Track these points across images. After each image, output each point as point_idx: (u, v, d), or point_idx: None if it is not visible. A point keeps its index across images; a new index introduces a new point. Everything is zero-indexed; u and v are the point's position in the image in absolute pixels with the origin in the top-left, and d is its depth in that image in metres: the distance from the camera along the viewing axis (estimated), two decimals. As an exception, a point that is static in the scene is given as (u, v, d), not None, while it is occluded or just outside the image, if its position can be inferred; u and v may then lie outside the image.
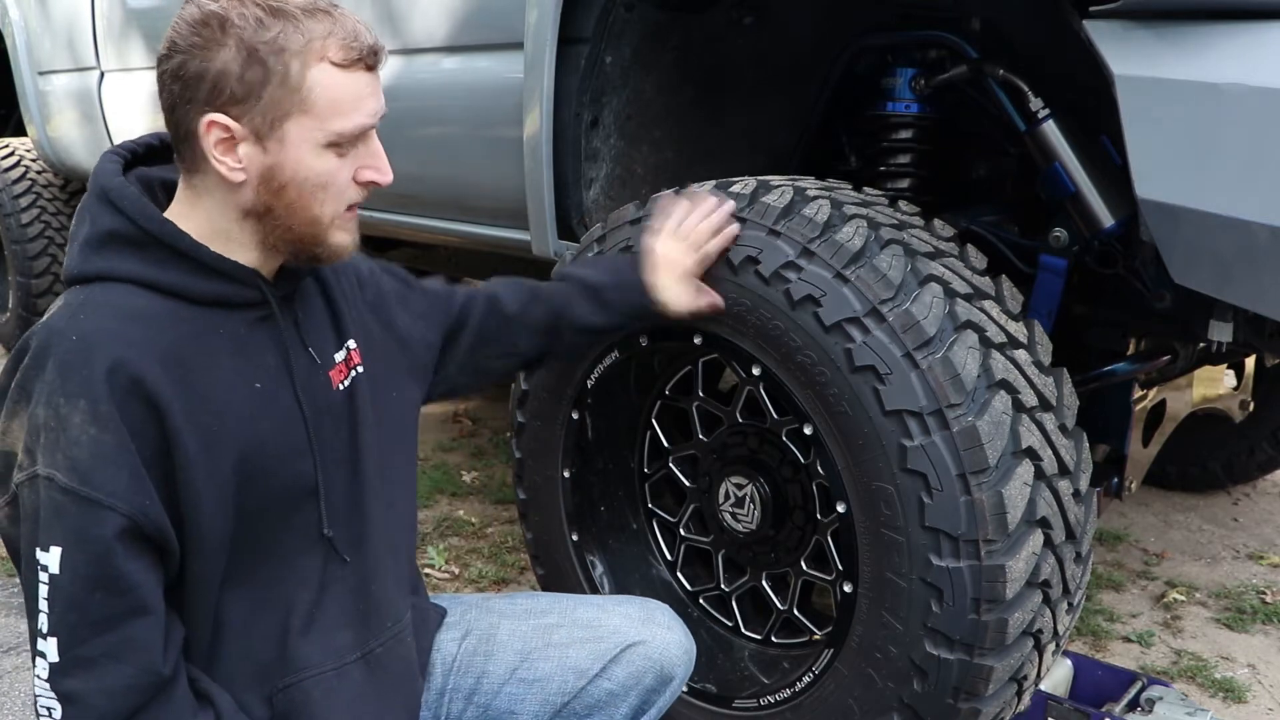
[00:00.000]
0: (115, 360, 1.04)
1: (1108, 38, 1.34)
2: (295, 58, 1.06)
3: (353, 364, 1.29)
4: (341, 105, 1.09)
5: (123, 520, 1.03)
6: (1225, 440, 2.92)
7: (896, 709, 1.49)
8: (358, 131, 1.12)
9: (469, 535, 2.86)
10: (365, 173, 1.15)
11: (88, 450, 1.03)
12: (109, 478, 1.03)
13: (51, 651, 1.04)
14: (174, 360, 1.08)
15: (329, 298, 1.30)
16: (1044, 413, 1.49)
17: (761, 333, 1.54)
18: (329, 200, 1.13)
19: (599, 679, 1.34)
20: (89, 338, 1.05)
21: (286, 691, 1.19)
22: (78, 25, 3.62)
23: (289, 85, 1.07)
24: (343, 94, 1.09)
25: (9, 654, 2.22)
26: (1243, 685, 2.19)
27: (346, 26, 1.10)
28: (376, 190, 1.18)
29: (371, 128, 1.14)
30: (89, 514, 1.02)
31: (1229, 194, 1.28)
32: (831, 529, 1.68)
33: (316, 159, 1.10)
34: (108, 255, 1.11)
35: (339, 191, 1.13)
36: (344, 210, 1.15)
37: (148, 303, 1.10)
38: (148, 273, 1.10)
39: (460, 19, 2.19)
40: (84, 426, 1.03)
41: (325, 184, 1.12)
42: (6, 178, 4.30)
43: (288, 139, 1.09)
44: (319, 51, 1.07)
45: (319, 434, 1.20)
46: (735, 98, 2.18)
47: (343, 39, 1.08)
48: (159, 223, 1.11)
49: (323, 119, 1.09)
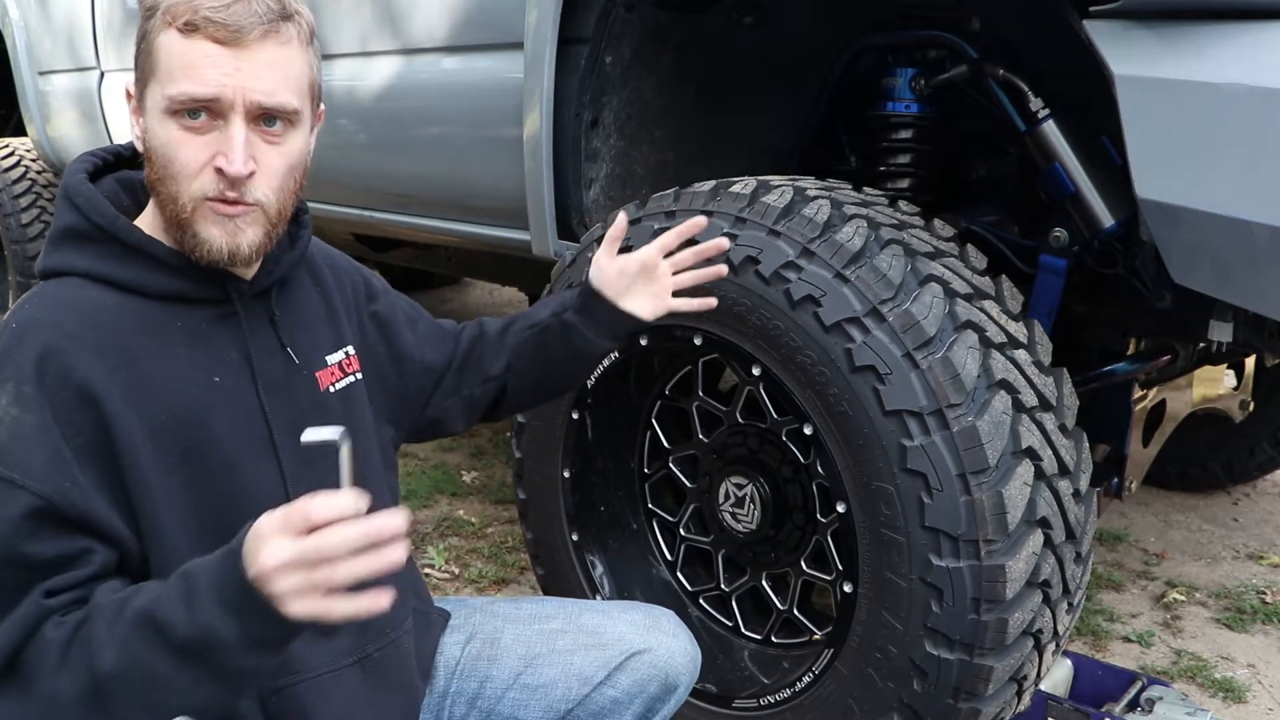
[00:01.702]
0: (45, 347, 1.05)
1: (1108, 38, 1.34)
2: (156, 20, 1.07)
3: (350, 369, 1.29)
4: (173, 71, 1.06)
5: (34, 499, 1.03)
6: (1225, 440, 2.92)
7: (896, 709, 1.49)
8: (186, 100, 1.06)
9: (469, 535, 2.86)
10: (217, 159, 1.08)
11: (7, 430, 1.04)
12: (22, 458, 1.03)
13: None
14: (116, 351, 1.08)
15: (328, 301, 1.29)
16: (1044, 413, 1.49)
17: (761, 333, 1.54)
18: (180, 178, 1.09)
19: (603, 686, 1.33)
20: (25, 326, 1.07)
21: (280, 695, 1.18)
22: (78, 25, 3.62)
23: (146, 46, 1.08)
24: (176, 59, 1.06)
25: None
26: (1243, 685, 2.19)
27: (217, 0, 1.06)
28: (376, 190, 1.17)
29: (208, 103, 1.07)
30: (2, 492, 1.03)
31: (1229, 194, 1.28)
32: (831, 529, 1.68)
33: (161, 127, 1.08)
34: (64, 251, 1.13)
35: (186, 169, 1.08)
36: (203, 197, 1.09)
37: (99, 296, 1.11)
38: (102, 268, 1.12)
39: (460, 19, 2.19)
40: (7, 408, 1.04)
41: (170, 156, 1.08)
42: (6, 178, 4.30)
43: (146, 104, 1.10)
44: (170, 16, 1.07)
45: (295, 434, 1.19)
46: (735, 98, 2.18)
47: (194, 6, 1.06)
48: (111, 218, 1.12)
49: (161, 83, 1.07)
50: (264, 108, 1.08)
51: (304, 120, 1.14)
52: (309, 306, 1.26)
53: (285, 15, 1.10)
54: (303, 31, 1.13)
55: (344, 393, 1.27)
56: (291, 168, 1.14)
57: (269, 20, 1.08)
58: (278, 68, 1.09)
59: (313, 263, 1.31)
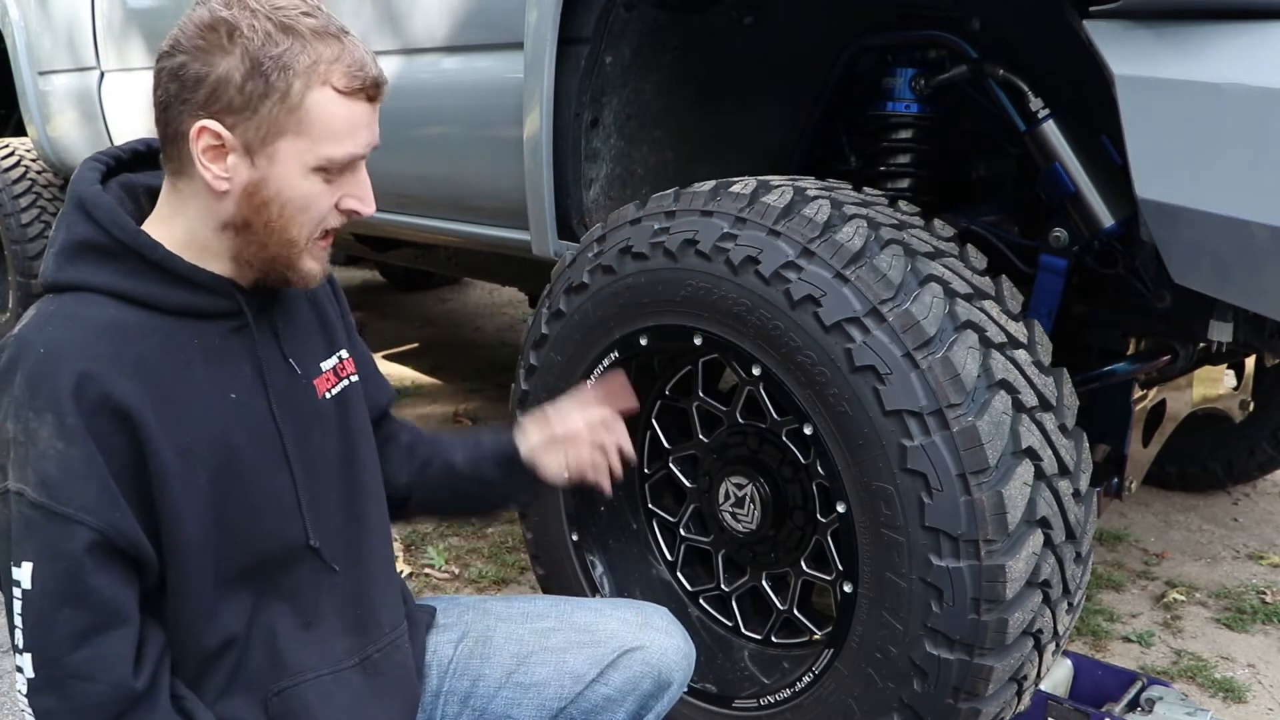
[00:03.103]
0: (82, 374, 1.04)
1: (1108, 38, 1.34)
2: (299, 77, 1.06)
3: (345, 373, 1.29)
4: (337, 132, 1.09)
5: (92, 534, 1.03)
6: (1225, 440, 2.92)
7: (896, 709, 1.49)
8: (348, 160, 1.11)
9: (469, 535, 2.86)
10: (348, 201, 1.14)
11: (55, 464, 1.03)
12: (76, 491, 1.03)
13: (27, 667, 1.05)
14: (144, 372, 1.08)
15: (318, 307, 1.30)
16: (1044, 413, 1.49)
17: (761, 333, 1.54)
18: (308, 223, 1.12)
19: (596, 684, 1.33)
20: (56, 351, 1.05)
21: (282, 695, 1.19)
22: (78, 25, 3.62)
23: (288, 104, 1.06)
24: (340, 121, 1.09)
25: (10, 654, 2.22)
26: (1243, 685, 2.19)
27: (354, 55, 1.09)
28: (376, 190, 1.18)
29: (362, 158, 1.13)
30: (58, 529, 1.03)
31: (1229, 194, 1.28)
32: (831, 529, 1.68)
33: (303, 180, 1.10)
34: (80, 265, 1.11)
35: (318, 215, 1.13)
36: (319, 236, 1.14)
37: (118, 314, 1.10)
38: (120, 284, 1.10)
39: (460, 19, 2.19)
40: (51, 441, 1.03)
41: (307, 206, 1.11)
42: (6, 178, 4.30)
43: (278, 157, 1.08)
44: (323, 75, 1.07)
45: (305, 443, 1.20)
46: (735, 98, 2.18)
47: (349, 66, 1.08)
48: (132, 234, 1.11)
49: (316, 142, 1.08)
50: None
51: None
52: (302, 315, 1.27)
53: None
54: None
55: (340, 397, 1.27)
56: None
57: (380, 69, 1.13)
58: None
59: None
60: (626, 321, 1.74)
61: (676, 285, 1.64)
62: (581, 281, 1.79)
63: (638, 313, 1.71)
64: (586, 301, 1.79)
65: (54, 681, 1.04)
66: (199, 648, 1.15)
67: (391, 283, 5.97)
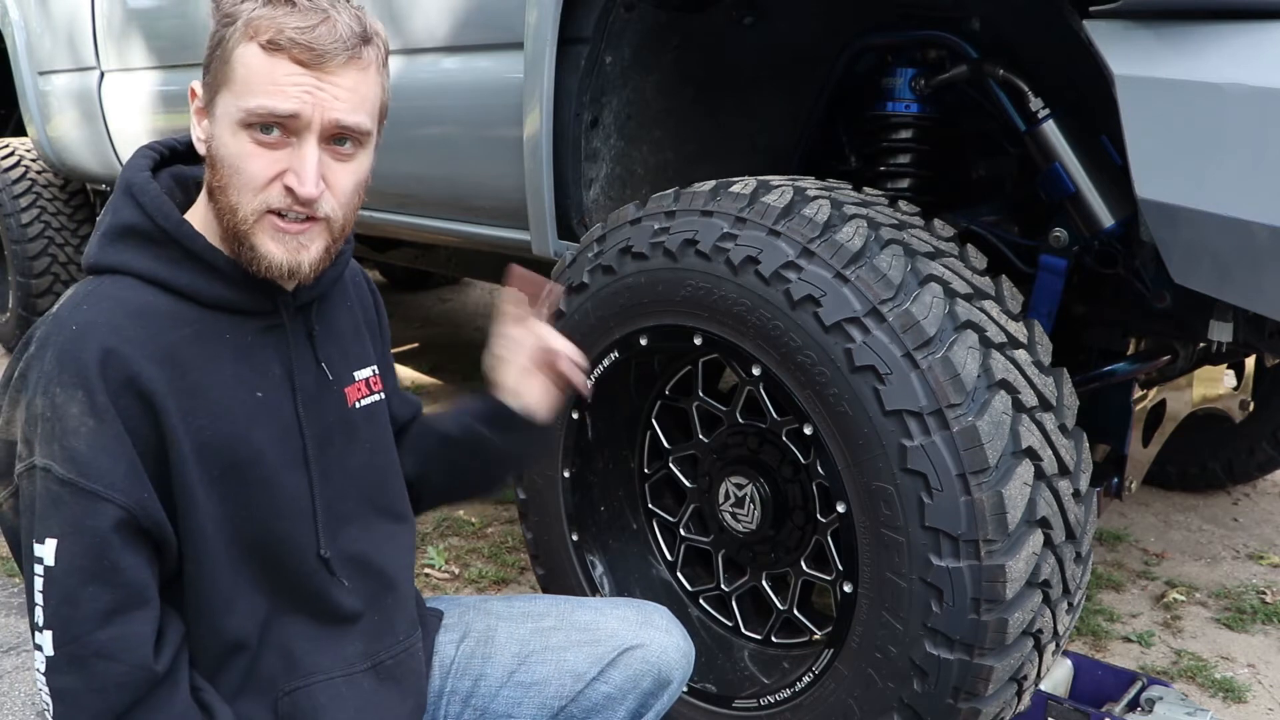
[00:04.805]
0: (108, 350, 1.04)
1: (1108, 38, 1.34)
2: (236, 31, 1.06)
3: (375, 388, 1.30)
4: (252, 86, 1.06)
5: (120, 512, 1.03)
6: (1225, 440, 2.92)
7: (896, 709, 1.49)
8: (263, 115, 1.06)
9: (469, 535, 2.86)
10: (288, 177, 1.08)
11: (85, 441, 1.02)
12: (107, 469, 1.03)
13: (47, 645, 1.04)
14: (171, 360, 1.08)
15: (356, 318, 1.30)
16: (1044, 413, 1.49)
17: (761, 333, 1.54)
18: (244, 188, 1.08)
19: (596, 682, 1.33)
20: (86, 329, 1.05)
21: (292, 695, 1.18)
22: (78, 25, 3.62)
23: (223, 55, 1.07)
24: (257, 76, 1.06)
25: (9, 654, 2.22)
26: (1243, 685, 2.19)
27: (303, 20, 1.06)
28: (376, 190, 1.18)
29: (284, 120, 1.07)
30: (86, 505, 1.02)
31: (1229, 194, 1.28)
32: (831, 529, 1.68)
33: (232, 138, 1.08)
34: (122, 249, 1.12)
35: (253, 182, 1.08)
36: (265, 210, 1.09)
37: (154, 299, 1.10)
38: (159, 271, 1.11)
39: (460, 19, 2.19)
40: (81, 417, 1.03)
41: (239, 168, 1.08)
42: (6, 178, 4.30)
43: (217, 112, 1.09)
44: (253, 30, 1.06)
45: (325, 449, 1.20)
46: (735, 98, 2.18)
47: (282, 26, 1.05)
48: (176, 222, 1.11)
49: (238, 96, 1.07)
50: (340, 127, 1.09)
51: (372, 140, 1.15)
52: (342, 322, 1.27)
53: (366, 39, 1.10)
54: (380, 54, 1.14)
55: (368, 410, 1.28)
56: (358, 185, 1.15)
57: (351, 46, 1.08)
58: (356, 91, 1.10)
59: (345, 279, 1.32)
60: (626, 321, 1.74)
61: (676, 285, 1.64)
62: (581, 281, 1.79)
63: (638, 313, 1.72)
64: (586, 301, 1.79)
65: (76, 660, 1.03)
66: (215, 642, 1.15)
67: (391, 283, 5.97)
